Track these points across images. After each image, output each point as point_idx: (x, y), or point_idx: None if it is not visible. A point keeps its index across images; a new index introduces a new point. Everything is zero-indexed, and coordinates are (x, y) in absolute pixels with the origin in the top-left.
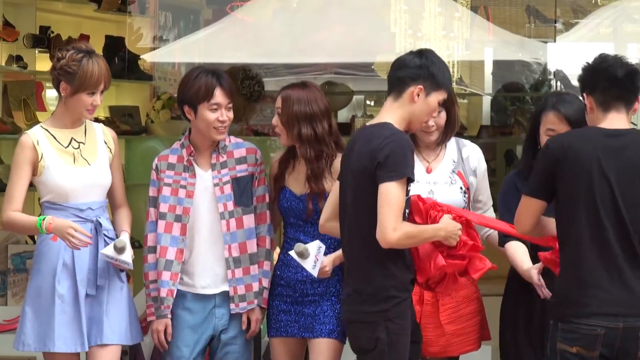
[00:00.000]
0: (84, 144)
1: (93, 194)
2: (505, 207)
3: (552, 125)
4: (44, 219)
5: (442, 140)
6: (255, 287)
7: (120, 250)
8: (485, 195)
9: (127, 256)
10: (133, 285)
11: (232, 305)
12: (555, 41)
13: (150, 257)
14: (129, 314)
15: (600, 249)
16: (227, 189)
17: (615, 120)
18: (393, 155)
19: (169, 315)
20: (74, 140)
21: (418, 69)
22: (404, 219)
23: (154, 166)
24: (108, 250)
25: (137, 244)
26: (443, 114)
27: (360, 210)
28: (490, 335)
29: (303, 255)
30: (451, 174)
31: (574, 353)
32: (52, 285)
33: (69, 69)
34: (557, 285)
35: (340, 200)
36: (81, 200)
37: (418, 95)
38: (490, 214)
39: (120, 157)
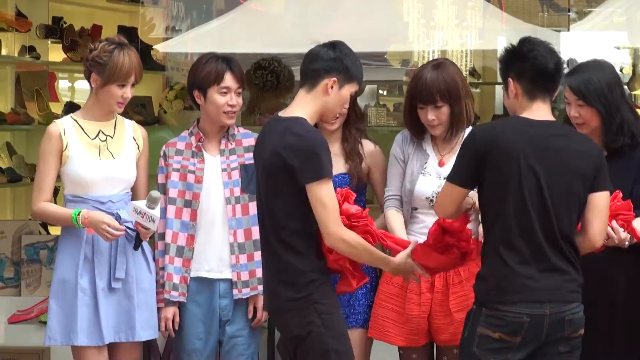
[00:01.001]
0: (111, 137)
1: (115, 187)
2: None
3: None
4: (79, 213)
5: (451, 135)
6: (259, 273)
7: (153, 201)
8: None
9: (157, 211)
10: None
11: (235, 291)
12: (569, 30)
13: (160, 244)
14: (155, 306)
15: (528, 239)
16: (235, 174)
17: (540, 111)
18: (311, 156)
19: (184, 300)
20: (102, 132)
21: (332, 61)
22: None
23: (161, 153)
24: (140, 203)
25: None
26: (444, 109)
27: (274, 201)
28: None
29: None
30: None
31: (495, 338)
32: (75, 279)
33: (100, 60)
34: (482, 272)
35: (257, 190)
36: (102, 192)
37: (332, 87)
38: None
39: (147, 156)
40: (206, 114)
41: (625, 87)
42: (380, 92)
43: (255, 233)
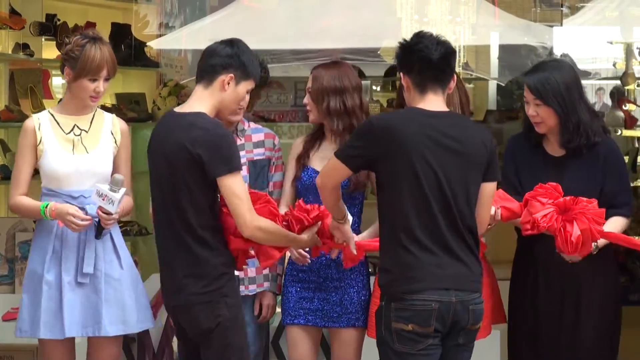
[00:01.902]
0: (86, 131)
1: (87, 181)
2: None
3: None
4: (47, 206)
5: None
6: (266, 270)
7: (116, 183)
8: None
9: (118, 194)
10: (141, 271)
11: (242, 288)
12: (562, 25)
13: None
14: (135, 301)
15: (429, 228)
16: (244, 171)
17: (433, 102)
18: (220, 149)
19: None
20: (77, 127)
21: (229, 57)
22: None
23: None
24: (103, 185)
25: (145, 230)
26: None
27: (183, 196)
28: (505, 318)
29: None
30: None
31: (409, 331)
32: (42, 272)
33: (72, 53)
34: (384, 265)
35: (153, 187)
36: (75, 187)
37: (228, 83)
38: None
39: (129, 149)
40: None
41: (619, 81)
42: (374, 87)
43: None
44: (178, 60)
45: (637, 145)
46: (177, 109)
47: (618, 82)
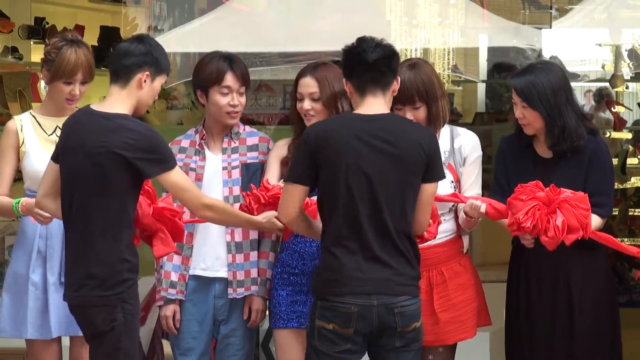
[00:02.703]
0: None
1: None
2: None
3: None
4: (19, 202)
5: None
6: (254, 273)
7: None
8: (467, 182)
9: None
10: None
11: (230, 290)
12: (551, 27)
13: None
14: None
15: (356, 233)
16: (236, 173)
17: (372, 105)
18: (158, 150)
19: (182, 298)
20: (59, 128)
21: (143, 55)
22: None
23: None
24: None
25: None
26: (422, 109)
27: (98, 195)
28: (491, 321)
29: None
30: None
31: (330, 329)
32: (27, 273)
33: (49, 55)
34: (319, 266)
35: (66, 182)
36: None
37: (145, 81)
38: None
39: None
40: (209, 114)
41: (608, 84)
42: None
43: (253, 232)
44: None
45: (625, 147)
46: (96, 108)
47: (607, 84)
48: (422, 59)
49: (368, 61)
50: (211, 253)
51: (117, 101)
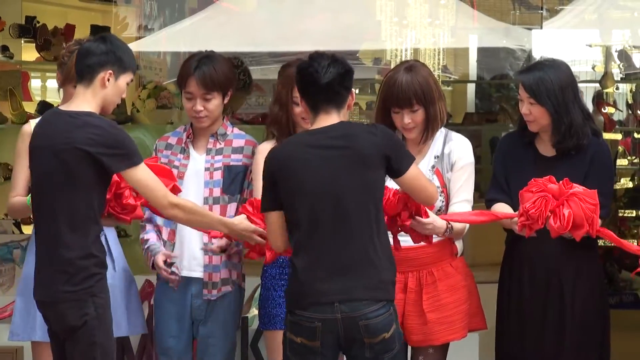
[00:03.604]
0: None
1: None
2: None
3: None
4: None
5: (425, 138)
6: (234, 275)
7: None
8: (454, 188)
9: None
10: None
11: (205, 291)
12: (541, 28)
13: (148, 226)
14: (127, 305)
15: (318, 244)
16: (217, 175)
17: (325, 122)
18: (123, 146)
19: (162, 249)
20: None
21: (105, 54)
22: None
23: (154, 147)
24: None
25: (123, 232)
26: (420, 112)
27: (66, 192)
28: (486, 325)
29: None
30: (430, 172)
31: (299, 343)
32: None
33: (62, 59)
34: (288, 279)
35: (35, 181)
36: None
37: (108, 80)
38: (463, 208)
39: None
40: None
41: (597, 84)
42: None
43: None
44: (157, 63)
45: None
46: (63, 108)
47: (597, 85)
48: (419, 62)
49: (321, 83)
50: (188, 253)
51: (83, 101)
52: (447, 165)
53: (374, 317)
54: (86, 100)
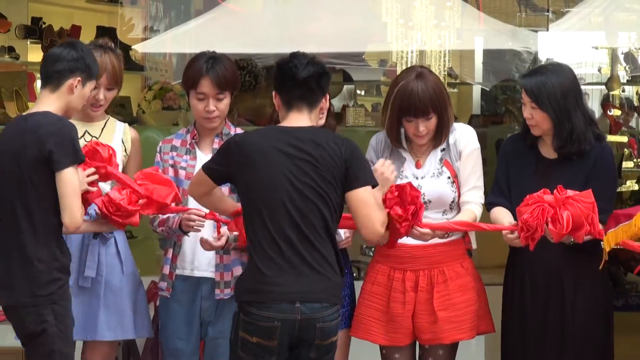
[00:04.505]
0: (97, 138)
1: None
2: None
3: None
4: None
5: (435, 144)
6: (237, 271)
7: None
8: (464, 175)
9: (107, 185)
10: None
11: (217, 291)
12: (547, 30)
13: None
14: (135, 307)
15: (276, 242)
16: None
17: (296, 120)
18: (65, 142)
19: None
20: (88, 133)
21: (75, 61)
22: None
23: (158, 148)
24: None
25: (129, 234)
26: (433, 119)
27: (26, 194)
28: (494, 327)
29: None
30: (439, 165)
31: (254, 342)
32: None
33: None
34: (242, 273)
35: (0, 186)
36: None
37: (76, 86)
38: (473, 196)
39: (138, 157)
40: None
41: (604, 87)
42: (358, 92)
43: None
44: (163, 64)
45: (619, 150)
46: (25, 113)
47: (603, 87)
48: (426, 68)
49: (298, 78)
50: (200, 253)
51: (45, 103)
52: (455, 155)
53: (329, 320)
54: (48, 104)
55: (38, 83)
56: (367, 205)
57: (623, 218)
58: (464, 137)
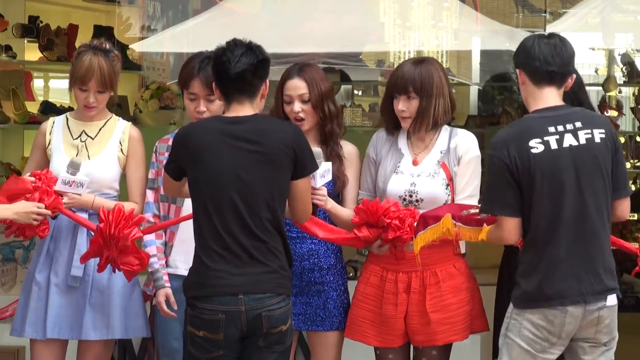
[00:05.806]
0: (92, 138)
1: (87, 188)
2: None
3: None
4: None
5: (416, 130)
6: None
7: (72, 165)
8: (461, 183)
9: (81, 175)
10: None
11: None
12: (545, 31)
13: (149, 235)
14: (125, 307)
15: (220, 234)
16: None
17: (238, 111)
18: None
19: (167, 285)
20: (85, 133)
21: None
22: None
23: (154, 149)
24: (64, 173)
25: None
26: (414, 102)
27: None
28: (489, 326)
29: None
30: (436, 166)
31: (201, 336)
32: (34, 273)
33: (72, 60)
34: (189, 270)
35: None
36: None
37: None
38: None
39: (139, 157)
40: None
41: (600, 88)
42: (356, 92)
43: None
44: (160, 63)
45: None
46: None
47: (600, 88)
48: (433, 58)
49: (231, 74)
50: (191, 252)
51: None
52: (453, 159)
53: (275, 309)
54: None
55: (35, 82)
56: (308, 192)
57: (431, 220)
58: (464, 143)
